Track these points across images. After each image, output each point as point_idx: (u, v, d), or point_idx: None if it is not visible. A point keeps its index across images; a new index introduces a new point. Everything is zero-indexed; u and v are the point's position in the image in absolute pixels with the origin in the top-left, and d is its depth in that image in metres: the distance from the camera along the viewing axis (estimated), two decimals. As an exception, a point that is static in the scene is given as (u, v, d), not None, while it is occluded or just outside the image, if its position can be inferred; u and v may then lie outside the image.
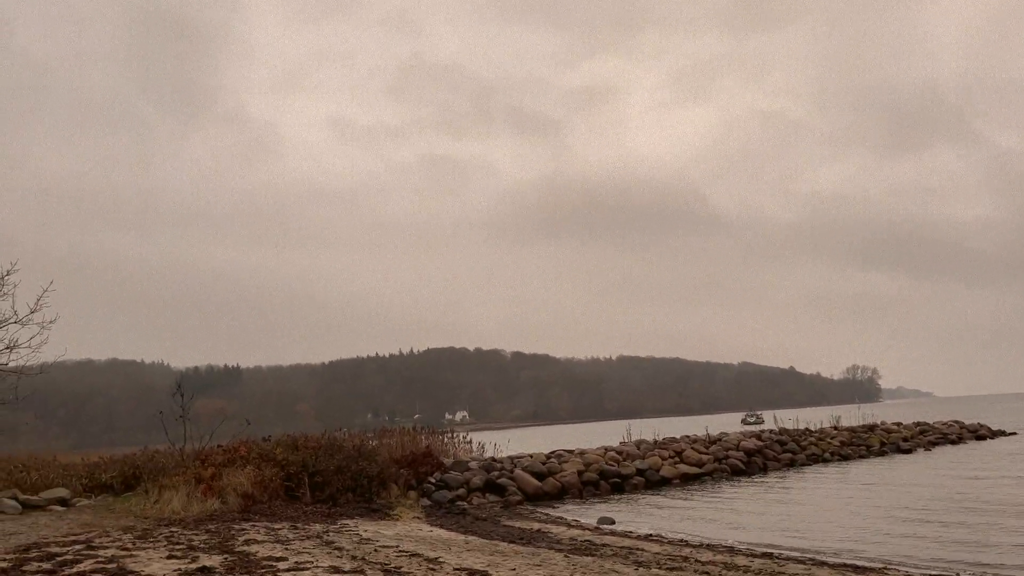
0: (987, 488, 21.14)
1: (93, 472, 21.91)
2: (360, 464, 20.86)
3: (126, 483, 20.64)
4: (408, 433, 27.65)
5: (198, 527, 13.96)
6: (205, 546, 11.22)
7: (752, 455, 30.84)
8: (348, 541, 12.54)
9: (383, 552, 11.20)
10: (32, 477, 20.35)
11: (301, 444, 21.80)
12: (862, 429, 39.15)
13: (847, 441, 35.91)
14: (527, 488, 24.03)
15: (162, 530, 13.43)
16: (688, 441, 31.68)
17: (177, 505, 16.75)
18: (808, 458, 32.53)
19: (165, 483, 18.27)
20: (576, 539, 14.67)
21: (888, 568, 11.42)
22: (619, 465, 27.05)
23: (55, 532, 13.20)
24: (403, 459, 23.49)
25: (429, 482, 22.89)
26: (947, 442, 40.36)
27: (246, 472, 18.79)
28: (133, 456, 23.40)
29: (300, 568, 9.06)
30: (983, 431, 44.40)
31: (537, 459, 26.53)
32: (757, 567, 11.01)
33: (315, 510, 17.59)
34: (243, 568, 9.00)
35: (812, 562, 12.06)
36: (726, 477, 28.43)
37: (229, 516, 15.82)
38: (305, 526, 14.57)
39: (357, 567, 9.38)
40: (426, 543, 12.84)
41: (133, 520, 15.15)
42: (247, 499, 17.78)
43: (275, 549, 10.97)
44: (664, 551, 13.00)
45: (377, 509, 18.79)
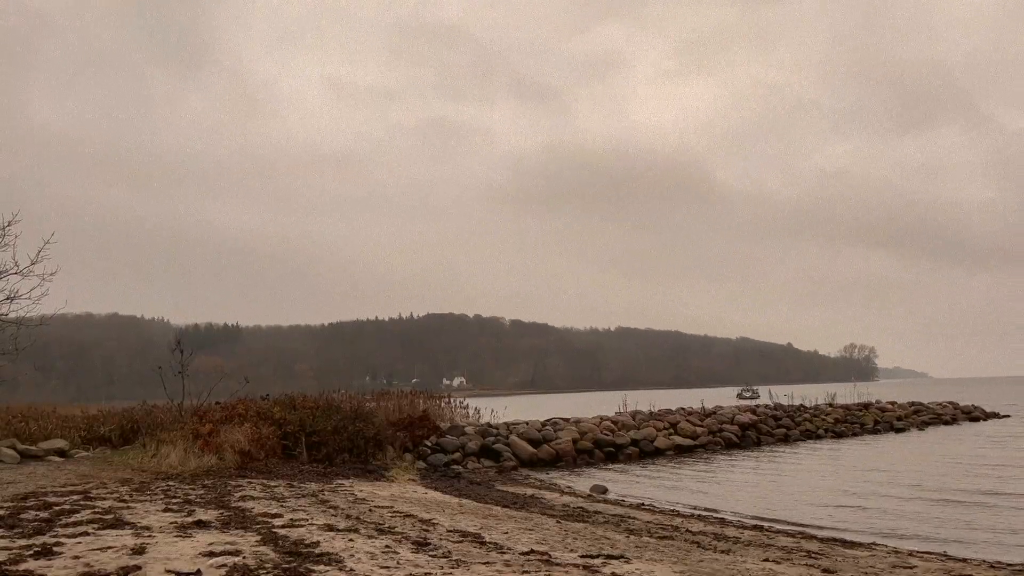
0: (968, 473, 21.28)
1: (92, 424, 22.08)
2: (357, 425, 20.99)
3: (124, 437, 20.81)
4: (406, 396, 27.82)
5: (195, 482, 14.09)
6: (202, 501, 11.33)
7: (746, 429, 31.04)
8: (343, 500, 12.65)
9: (377, 512, 11.31)
10: (31, 428, 20.52)
11: (299, 404, 21.92)
12: (857, 407, 39.40)
13: (841, 418, 36.14)
14: (522, 454, 24.22)
15: (159, 484, 13.55)
16: (683, 413, 31.88)
17: (174, 460, 16.89)
18: (802, 434, 32.77)
19: (163, 438, 18.41)
20: (569, 505, 14.80)
21: (876, 543, 11.54)
22: (614, 435, 27.24)
23: (53, 482, 13.33)
24: (400, 422, 23.64)
25: (425, 445, 23.06)
26: (941, 422, 40.62)
27: (244, 430, 18.91)
28: (132, 410, 23.57)
29: (295, 525, 9.15)
30: (977, 412, 44.66)
31: (533, 426, 26.71)
32: (747, 538, 11.12)
33: (311, 469, 17.74)
34: (239, 523, 9.09)
35: (801, 535, 12.19)
36: (720, 450, 28.64)
37: (226, 472, 15.96)
38: (301, 485, 14.70)
39: (351, 526, 9.47)
40: (420, 505, 12.96)
41: (130, 473, 15.28)
42: (244, 456, 17.91)
43: (271, 506, 11.07)
44: (655, 520, 13.13)
45: (373, 470, 18.95)
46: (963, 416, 43.43)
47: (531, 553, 8.04)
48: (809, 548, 10.30)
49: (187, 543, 7.59)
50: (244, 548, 7.34)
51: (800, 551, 9.89)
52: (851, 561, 9.15)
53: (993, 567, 9.40)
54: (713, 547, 9.78)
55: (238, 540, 7.83)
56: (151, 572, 6.17)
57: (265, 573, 6.18)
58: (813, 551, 9.96)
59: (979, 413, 44.66)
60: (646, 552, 8.75)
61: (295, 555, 7.08)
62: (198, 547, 7.35)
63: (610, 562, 7.64)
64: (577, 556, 8.00)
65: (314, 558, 6.96)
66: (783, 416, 34.03)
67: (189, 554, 6.98)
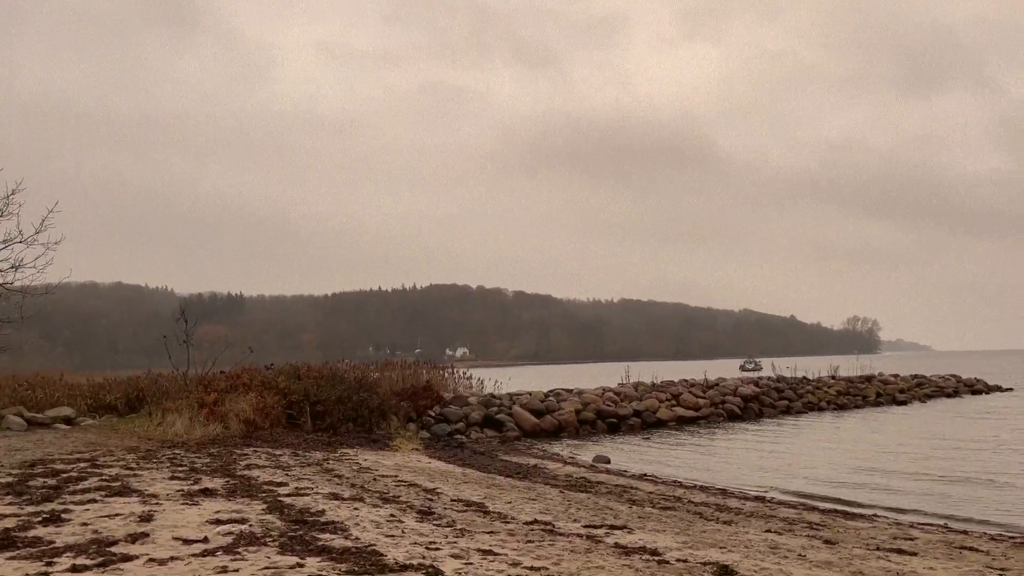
0: (969, 447, 21.34)
1: (98, 393, 22.21)
2: (361, 395, 21.10)
3: (130, 405, 20.95)
4: (409, 367, 27.93)
5: (200, 450, 14.19)
6: (207, 469, 11.41)
7: (749, 401, 31.15)
8: (348, 469, 12.74)
9: (382, 481, 11.39)
10: (38, 395, 20.66)
11: (303, 373, 22.02)
12: (859, 380, 39.47)
13: (844, 391, 36.23)
14: (525, 425, 24.34)
15: (165, 452, 13.65)
16: (686, 385, 31.97)
17: (180, 428, 17.00)
18: (804, 406, 32.88)
19: (168, 406, 18.52)
20: (572, 476, 14.90)
21: (877, 515, 11.61)
22: (616, 406, 27.34)
23: (60, 449, 13.43)
24: (404, 392, 23.76)
25: (429, 415, 23.19)
26: (943, 395, 40.71)
27: (248, 399, 19.01)
28: (137, 379, 23.71)
29: (300, 494, 9.22)
30: (980, 386, 44.71)
31: (536, 397, 26.82)
32: (749, 509, 11.20)
33: (316, 438, 17.85)
34: (245, 492, 9.16)
35: (803, 507, 12.26)
36: (722, 422, 28.76)
37: (231, 441, 16.06)
38: (306, 453, 14.80)
39: (356, 495, 9.54)
40: (424, 474, 13.05)
41: (136, 441, 15.39)
42: (249, 425, 18.03)
43: (276, 475, 11.15)
44: (658, 491, 13.21)
45: (377, 440, 19.07)
46: (965, 389, 43.50)
47: (534, 523, 8.09)
48: (811, 519, 10.36)
49: (194, 511, 7.65)
50: (250, 516, 7.40)
51: (802, 522, 9.96)
52: (852, 532, 9.22)
53: (994, 539, 9.46)
54: (715, 518, 9.85)
55: (244, 508, 7.89)
56: (159, 539, 6.23)
57: (271, 541, 6.23)
58: (815, 522, 10.03)
59: (981, 386, 44.71)
60: (649, 522, 8.81)
61: (301, 523, 7.13)
62: (205, 515, 7.41)
63: (613, 532, 7.69)
64: (580, 526, 8.06)
65: (320, 526, 7.01)
66: (785, 388, 34.13)
67: (196, 522, 7.04)
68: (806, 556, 6.91)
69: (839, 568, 6.35)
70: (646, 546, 6.83)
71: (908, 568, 6.57)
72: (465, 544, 6.52)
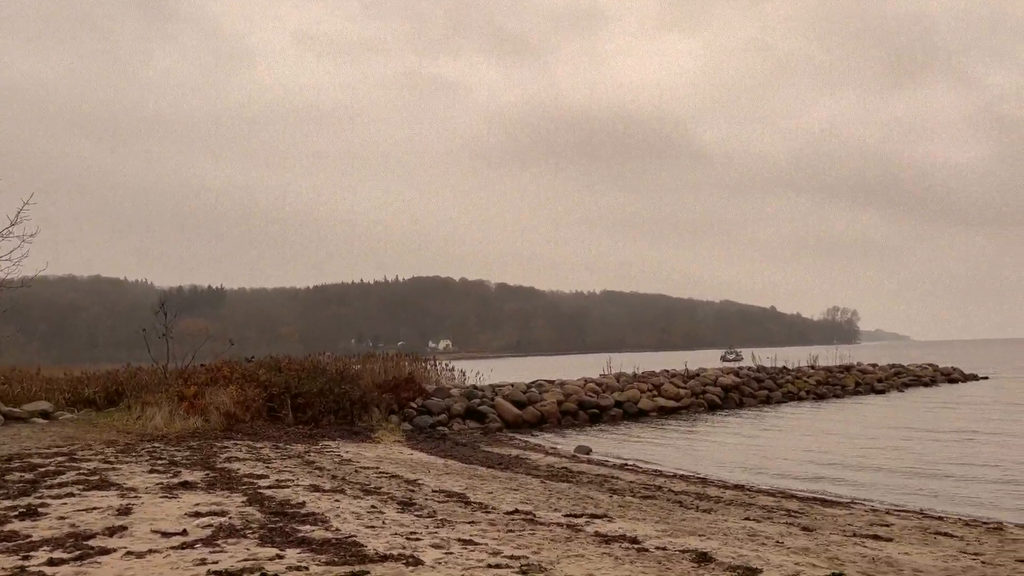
0: (944, 435, 21.62)
1: (76, 386, 21.96)
2: (343, 387, 21.02)
3: (109, 399, 20.73)
4: (391, 359, 27.86)
5: (180, 444, 14.11)
6: (187, 462, 11.35)
7: (729, 391, 31.37)
8: (329, 461, 12.72)
9: (363, 473, 11.39)
10: (14, 390, 20.39)
11: (284, 366, 21.92)
12: (838, 369, 39.83)
13: (823, 380, 36.56)
14: (507, 416, 24.38)
15: (144, 445, 13.56)
16: (667, 375, 32.13)
17: (160, 422, 16.88)
18: (784, 395, 33.15)
19: (148, 400, 18.36)
20: (553, 466, 14.95)
21: (854, 502, 11.75)
22: (598, 396, 27.45)
23: (37, 444, 13.30)
24: (386, 384, 23.71)
25: (411, 407, 23.16)
26: (921, 384, 41.18)
27: (229, 391, 18.89)
28: (116, 372, 23.46)
29: (281, 486, 9.20)
30: (956, 375, 45.27)
31: (518, 388, 26.86)
32: (728, 498, 11.29)
33: (297, 431, 17.80)
34: (224, 484, 9.13)
35: (782, 495, 12.38)
36: (703, 411, 28.95)
37: (211, 434, 15.98)
38: (287, 446, 14.75)
39: (337, 487, 9.53)
40: (406, 465, 13.05)
41: (115, 435, 15.27)
42: (229, 418, 17.93)
43: (256, 467, 11.11)
44: (639, 480, 13.29)
45: (359, 432, 19.03)
46: (943, 378, 44.03)
47: (516, 513, 8.12)
48: (789, 507, 10.47)
49: (173, 504, 7.62)
50: (230, 509, 7.37)
51: (780, 510, 10.06)
52: (830, 519, 9.32)
53: (968, 524, 9.60)
54: (695, 506, 9.93)
55: (224, 501, 7.86)
56: (137, 532, 6.20)
57: (251, 533, 6.22)
58: (793, 510, 10.14)
59: (958, 375, 45.28)
60: (629, 511, 8.86)
61: (281, 515, 7.12)
62: (184, 508, 7.38)
63: (594, 521, 7.74)
64: (561, 515, 8.10)
65: (300, 518, 7.00)
66: (765, 378, 34.39)
67: (175, 515, 7.01)
68: (784, 543, 6.98)
69: (816, 554, 6.43)
70: (626, 534, 6.88)
71: (884, 553, 6.66)
72: (446, 534, 6.54)
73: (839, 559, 6.25)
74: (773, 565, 5.76)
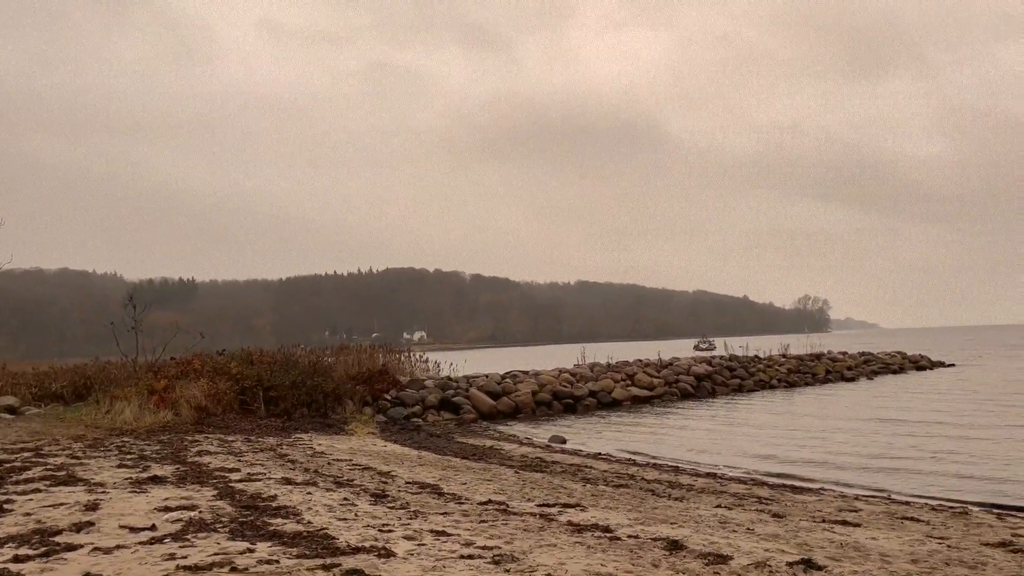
0: (912, 419, 21.99)
1: (43, 381, 21.66)
2: (316, 380, 20.91)
3: (77, 393, 20.46)
4: (365, 351, 27.72)
5: (150, 438, 13.95)
6: (157, 456, 11.23)
7: (702, 380, 31.63)
8: (301, 454, 12.64)
9: (336, 465, 11.33)
10: (-21, 385, 20.06)
11: (256, 359, 21.74)
12: (809, 358, 40.30)
13: (794, 369, 36.96)
14: (482, 407, 24.40)
15: (113, 440, 13.39)
16: (640, 365, 32.30)
17: (129, 416, 16.66)
18: (756, 384, 33.47)
19: (117, 394, 18.13)
20: (527, 456, 14.99)
21: (824, 488, 11.90)
22: (572, 387, 27.55)
23: (3, 439, 13.08)
24: (359, 376, 23.60)
25: (385, 399, 23.10)
26: (889, 372, 41.79)
27: (200, 385, 18.71)
28: (84, 366, 23.17)
29: (252, 479, 9.13)
30: (924, 362, 46.02)
31: (492, 379, 26.87)
32: (700, 486, 11.39)
33: (269, 424, 17.67)
34: (195, 478, 9.04)
35: (753, 482, 12.52)
36: (676, 400, 29.16)
37: (182, 428, 15.82)
38: (259, 439, 14.64)
39: (309, 479, 9.48)
40: (379, 457, 13.01)
41: (84, 430, 15.07)
42: (200, 411, 17.76)
43: (228, 461, 11.02)
44: (612, 469, 13.36)
45: (332, 424, 18.94)
46: (911, 365, 44.73)
47: (489, 503, 8.13)
48: (760, 494, 10.58)
49: (142, 498, 7.53)
50: (200, 503, 7.30)
51: (751, 497, 10.17)
52: (800, 506, 9.44)
53: (934, 509, 9.77)
54: (667, 495, 10.00)
55: (194, 495, 7.79)
56: (104, 528, 6.12)
57: (221, 527, 6.16)
58: (764, 497, 10.25)
59: (926, 363, 46.03)
60: (602, 500, 8.91)
61: (252, 509, 7.07)
62: (153, 502, 7.29)
63: (566, 511, 7.77)
64: (534, 505, 8.12)
65: (271, 511, 6.95)
66: (738, 367, 34.70)
67: (144, 509, 6.93)
68: (754, 530, 7.06)
69: (785, 540, 6.51)
70: (598, 523, 6.92)
71: (852, 539, 6.75)
72: (418, 526, 6.52)
73: (808, 545, 6.32)
74: (743, 552, 5.82)
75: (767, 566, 5.35)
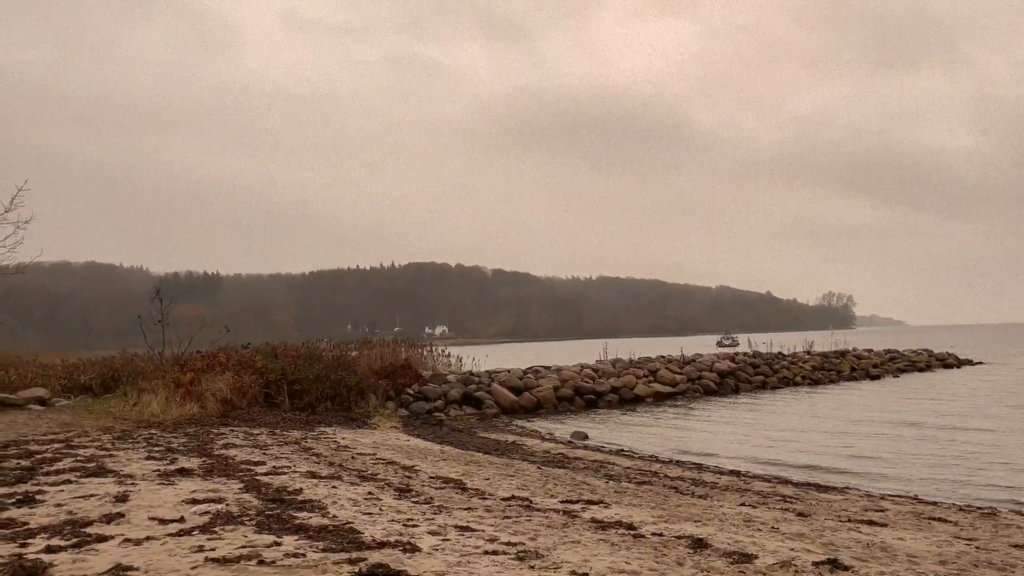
0: (938, 418, 21.74)
1: (72, 373, 21.96)
2: (339, 374, 21.05)
3: (105, 385, 20.73)
4: (388, 345, 27.86)
5: (177, 430, 14.11)
6: (184, 449, 11.36)
7: (725, 377, 31.46)
8: (326, 448, 12.74)
9: (360, 459, 11.41)
10: (10, 376, 20.38)
11: (280, 353, 21.92)
12: (834, 355, 39.96)
13: (818, 366, 36.67)
14: (503, 402, 24.43)
15: (141, 432, 13.56)
16: (663, 361, 32.20)
17: (156, 408, 16.86)
18: (779, 381, 33.25)
19: (144, 386, 18.34)
20: (550, 452, 15.00)
21: (849, 488, 11.80)
22: (594, 382, 27.51)
23: (34, 431, 13.29)
24: (382, 370, 23.73)
25: (407, 393, 23.19)
26: (915, 369, 41.32)
27: (225, 378, 18.89)
28: (112, 359, 23.47)
29: (278, 473, 9.21)
30: (951, 360, 45.43)
31: (514, 374, 26.90)
32: (724, 483, 11.34)
33: (293, 417, 17.82)
34: (221, 471, 9.14)
35: (777, 480, 12.44)
36: (699, 397, 29.04)
37: (208, 421, 15.99)
38: (283, 432, 14.77)
39: (334, 473, 9.55)
40: (402, 452, 13.08)
41: (112, 421, 15.27)
42: (226, 405, 17.93)
43: (253, 454, 11.12)
44: (635, 466, 13.34)
45: (355, 418, 19.06)
46: (938, 363, 44.19)
47: (512, 499, 8.15)
48: (784, 493, 10.52)
49: (170, 491, 7.62)
50: (227, 495, 7.38)
51: (776, 496, 10.11)
52: (825, 505, 9.37)
53: (962, 510, 9.66)
54: (691, 492, 9.97)
55: (221, 488, 7.87)
56: (134, 519, 6.20)
57: (248, 520, 6.22)
58: (788, 496, 10.18)
59: (952, 360, 45.44)
60: (625, 497, 8.90)
61: (278, 502, 7.13)
62: (181, 495, 7.38)
63: (590, 507, 7.76)
64: (557, 501, 8.12)
65: (297, 505, 7.01)
66: (761, 364, 34.48)
67: (172, 502, 7.02)
68: (779, 528, 7.02)
69: (811, 539, 6.46)
70: (622, 520, 6.91)
71: (879, 539, 6.69)
72: (443, 521, 6.55)
73: (834, 544, 6.28)
74: (768, 551, 5.79)
75: (792, 566, 5.32)
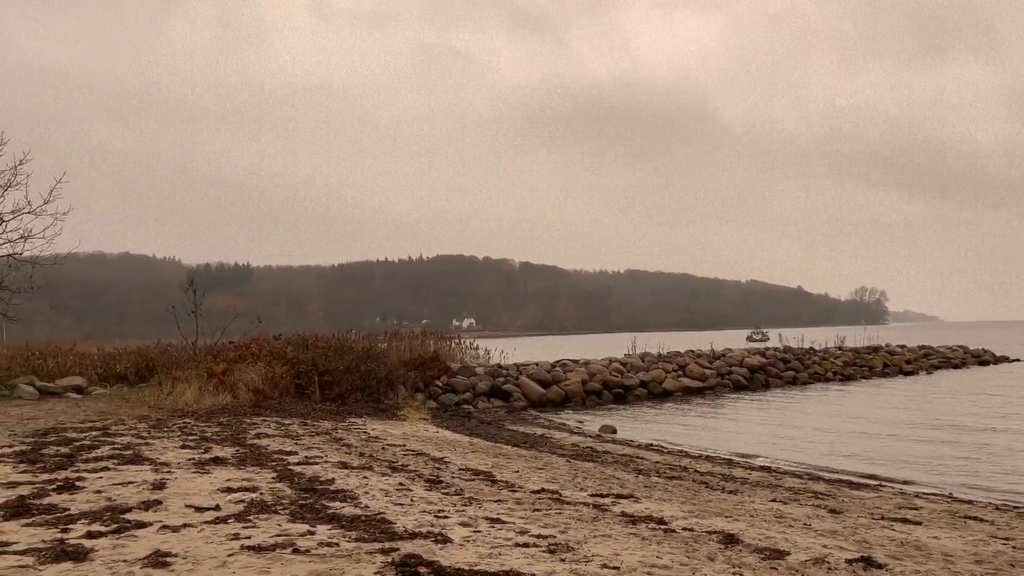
0: (974, 417, 21.38)
1: (108, 362, 22.34)
2: (369, 365, 21.20)
3: (140, 374, 21.09)
4: (416, 337, 28.02)
5: (210, 419, 14.31)
6: (217, 438, 11.52)
7: (755, 372, 31.21)
8: (356, 439, 12.85)
9: (390, 450, 11.50)
10: (49, 365, 20.78)
11: (311, 343, 22.11)
12: (866, 351, 39.48)
13: (850, 361, 36.25)
14: (531, 395, 24.47)
15: (175, 421, 13.78)
16: (692, 356, 32.02)
17: (190, 397, 17.13)
18: (811, 377, 32.92)
19: (178, 376, 18.65)
20: (578, 445, 15.00)
21: (882, 485, 11.67)
22: (623, 376, 27.44)
23: (72, 418, 13.57)
24: (411, 362, 23.87)
25: (436, 385, 23.31)
26: (950, 366, 40.69)
27: (257, 368, 19.12)
28: (147, 348, 23.82)
29: (310, 462, 9.32)
30: (987, 357, 44.68)
31: (542, 367, 26.91)
32: (755, 479, 11.28)
33: (324, 408, 17.99)
34: (255, 460, 9.26)
35: (808, 476, 12.34)
36: (728, 392, 28.85)
37: (240, 410, 16.20)
38: (314, 423, 14.92)
39: (365, 464, 9.64)
40: (432, 443, 13.16)
41: (147, 410, 15.54)
42: (258, 394, 18.16)
43: (285, 443, 11.26)
44: (664, 460, 13.30)
45: (385, 409, 19.20)
46: (972, 360, 43.48)
47: (542, 491, 8.17)
48: (816, 489, 10.43)
49: (205, 479, 7.75)
50: (261, 484, 7.49)
51: (807, 492, 10.03)
52: (857, 502, 9.28)
53: (999, 508, 9.52)
54: (721, 487, 9.92)
55: (254, 477, 7.98)
56: (171, 507, 6.31)
57: (282, 509, 6.31)
58: (820, 492, 10.10)
59: (988, 357, 44.70)
60: (655, 492, 8.88)
61: (311, 492, 7.22)
62: (216, 483, 7.50)
63: (620, 501, 7.76)
64: (587, 495, 8.13)
65: (329, 495, 7.09)
66: (792, 359, 34.16)
67: (207, 490, 7.13)
68: (811, 525, 6.97)
69: (844, 537, 6.41)
70: (652, 515, 6.90)
71: (913, 537, 6.62)
72: (473, 512, 6.59)
73: (867, 542, 6.22)
74: (800, 547, 5.75)
75: (825, 563, 5.28)
